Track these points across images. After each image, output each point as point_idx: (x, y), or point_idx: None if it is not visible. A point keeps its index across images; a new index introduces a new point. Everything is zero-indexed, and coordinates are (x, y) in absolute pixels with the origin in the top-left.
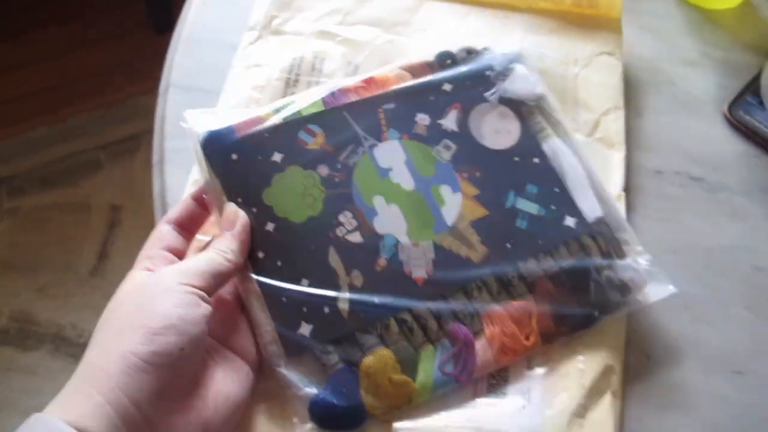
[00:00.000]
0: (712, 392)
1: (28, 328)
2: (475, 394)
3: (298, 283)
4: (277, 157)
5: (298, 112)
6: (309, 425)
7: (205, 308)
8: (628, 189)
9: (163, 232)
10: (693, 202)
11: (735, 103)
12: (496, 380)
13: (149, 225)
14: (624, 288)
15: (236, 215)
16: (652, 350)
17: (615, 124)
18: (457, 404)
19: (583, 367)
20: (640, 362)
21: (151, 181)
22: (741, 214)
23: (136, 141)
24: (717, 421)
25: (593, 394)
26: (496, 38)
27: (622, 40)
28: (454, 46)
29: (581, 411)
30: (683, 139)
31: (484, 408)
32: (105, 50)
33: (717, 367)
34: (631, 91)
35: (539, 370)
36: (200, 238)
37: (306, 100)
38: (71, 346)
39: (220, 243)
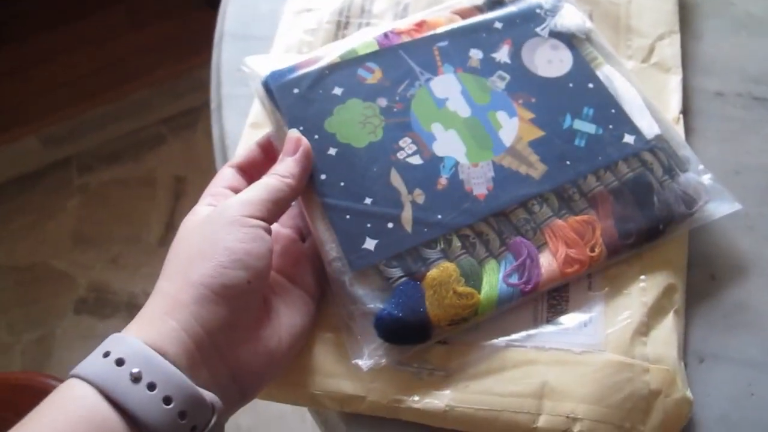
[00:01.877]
0: None
1: (104, 297)
2: (536, 316)
3: (361, 202)
4: (337, 90)
5: (354, 50)
6: (373, 345)
7: (270, 241)
8: (686, 112)
9: (226, 174)
10: (756, 122)
11: None
12: (556, 300)
13: None
14: (689, 199)
15: (299, 141)
16: (716, 270)
17: (670, 48)
18: (517, 326)
19: (645, 286)
20: (704, 282)
21: (212, 152)
22: None
23: (196, 113)
24: None
25: (655, 312)
26: None
27: None
28: None
29: (643, 329)
30: (744, 60)
31: (544, 327)
32: (161, 27)
33: None
34: (688, 15)
35: (600, 291)
36: None
37: (360, 40)
38: None
39: (281, 167)
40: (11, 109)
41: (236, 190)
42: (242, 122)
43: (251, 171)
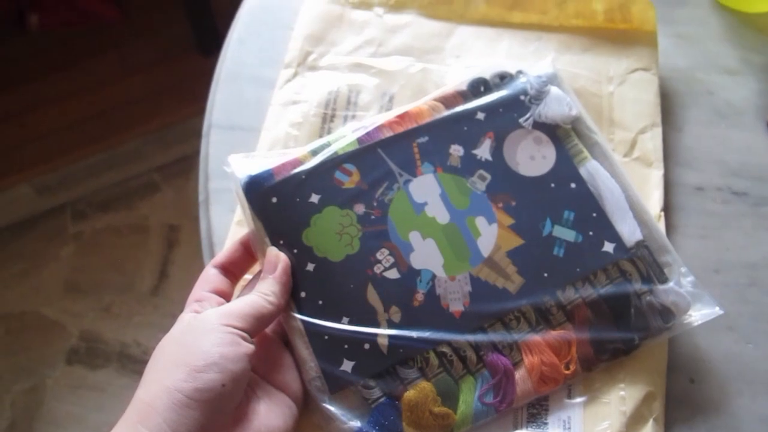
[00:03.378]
0: (759, 416)
1: (96, 347)
2: (516, 424)
3: (339, 321)
4: (314, 198)
5: (334, 152)
6: None
7: (247, 347)
8: (667, 208)
9: (210, 275)
10: (736, 218)
11: None
12: (536, 409)
13: None
14: (666, 313)
15: (278, 258)
16: (695, 373)
17: (652, 142)
18: None
19: (624, 394)
20: (683, 386)
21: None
22: None
23: (190, 161)
24: None
25: (634, 421)
26: (530, 60)
27: (658, 54)
28: (486, 73)
29: None
30: (724, 153)
31: None
32: (153, 74)
33: (764, 389)
34: (669, 105)
35: (579, 399)
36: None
37: (341, 141)
38: (136, 363)
39: (263, 286)
40: (4, 155)
41: (220, 293)
42: (229, 217)
43: (234, 270)
